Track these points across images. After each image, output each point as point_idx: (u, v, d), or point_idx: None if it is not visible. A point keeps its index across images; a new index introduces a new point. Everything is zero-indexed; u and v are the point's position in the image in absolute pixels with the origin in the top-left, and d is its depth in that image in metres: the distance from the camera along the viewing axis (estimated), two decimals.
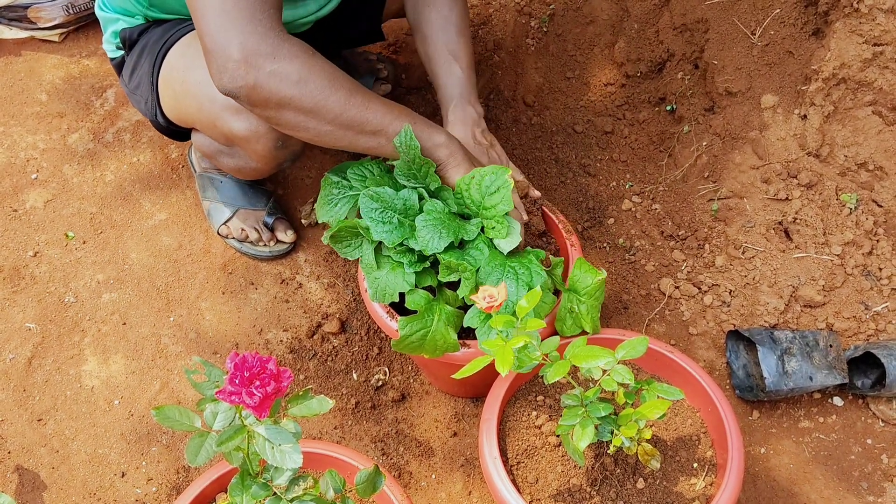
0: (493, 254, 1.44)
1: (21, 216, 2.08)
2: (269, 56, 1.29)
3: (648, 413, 1.17)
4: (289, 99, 1.33)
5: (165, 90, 1.68)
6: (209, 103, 1.56)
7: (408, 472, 1.72)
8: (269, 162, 1.64)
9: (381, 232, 1.43)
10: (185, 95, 1.63)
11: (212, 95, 1.52)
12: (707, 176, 1.95)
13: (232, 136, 1.59)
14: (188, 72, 1.60)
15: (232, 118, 1.55)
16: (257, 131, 1.56)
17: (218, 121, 1.57)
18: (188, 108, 1.64)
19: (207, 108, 1.58)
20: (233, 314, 1.92)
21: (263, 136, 1.57)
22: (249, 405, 0.92)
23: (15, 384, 1.83)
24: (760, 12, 1.95)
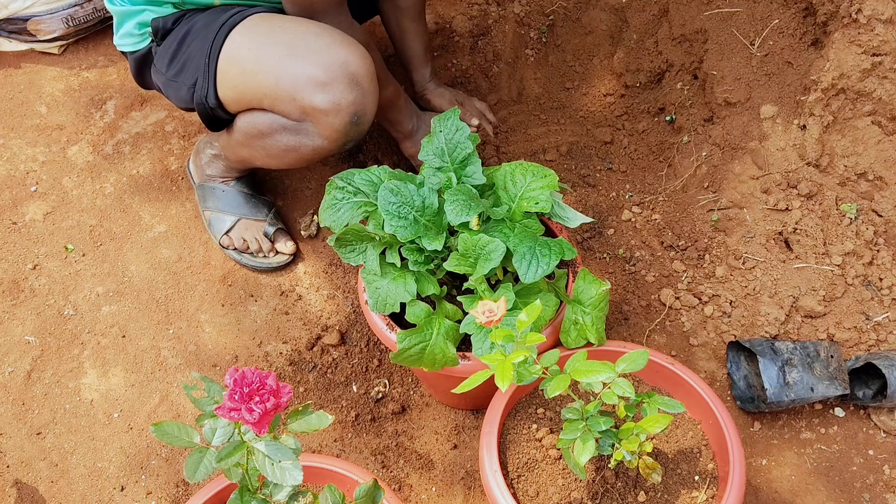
0: (523, 229, 1.45)
1: (20, 229, 2.08)
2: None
3: (650, 427, 1.17)
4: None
5: (231, 68, 1.69)
6: (290, 78, 1.61)
7: (408, 485, 1.71)
8: (339, 139, 1.68)
9: (396, 226, 1.44)
10: (258, 70, 1.65)
11: (294, 70, 1.60)
12: (707, 186, 1.95)
13: (312, 108, 1.62)
14: (262, 49, 1.64)
15: (315, 91, 1.60)
16: (339, 104, 1.60)
17: (298, 94, 1.61)
18: (261, 83, 1.66)
19: (287, 82, 1.62)
20: (232, 326, 1.92)
21: (344, 111, 1.61)
22: (249, 421, 0.91)
23: (14, 397, 1.83)
24: (759, 23, 1.95)
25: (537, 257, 1.39)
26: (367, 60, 1.64)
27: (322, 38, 1.62)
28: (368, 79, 1.63)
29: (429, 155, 1.55)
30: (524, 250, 1.39)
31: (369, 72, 1.63)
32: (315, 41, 1.61)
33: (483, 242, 1.39)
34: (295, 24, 1.66)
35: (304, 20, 1.68)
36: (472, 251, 1.41)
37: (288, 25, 1.66)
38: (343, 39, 1.63)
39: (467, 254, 1.41)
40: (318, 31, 1.63)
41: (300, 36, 1.63)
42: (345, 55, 1.60)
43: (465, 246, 1.41)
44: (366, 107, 1.64)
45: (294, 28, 1.65)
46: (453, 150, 1.53)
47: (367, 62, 1.63)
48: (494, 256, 1.38)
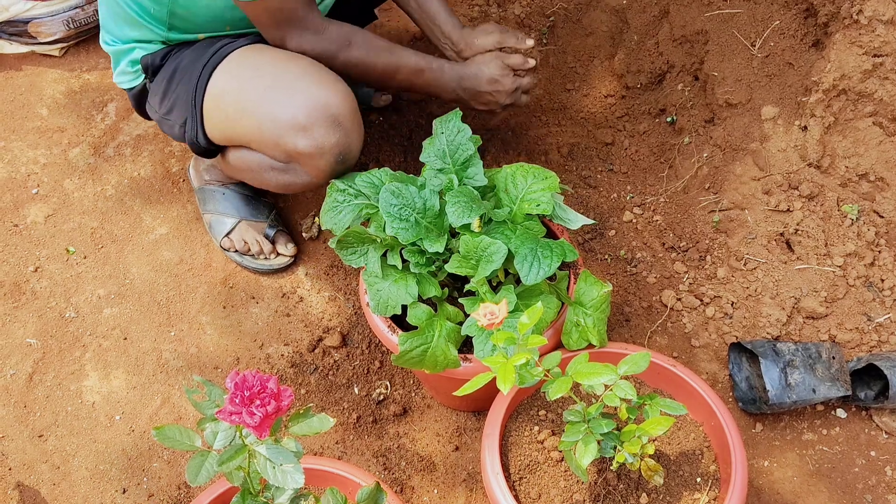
0: (524, 230, 1.45)
1: (22, 231, 2.08)
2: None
3: (652, 429, 1.17)
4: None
5: (214, 112, 1.70)
6: (272, 123, 1.60)
7: (410, 487, 1.71)
8: (327, 176, 1.66)
9: (397, 228, 1.44)
10: (241, 116, 1.65)
11: (275, 115, 1.59)
12: (708, 187, 1.95)
13: (296, 153, 1.61)
14: (243, 94, 1.63)
15: (297, 136, 1.58)
16: (322, 147, 1.59)
17: (281, 139, 1.60)
18: (245, 127, 1.66)
19: (269, 128, 1.61)
20: (234, 328, 1.92)
21: (328, 152, 1.60)
22: (250, 425, 0.91)
23: (16, 400, 1.83)
24: (760, 24, 1.95)
25: (539, 259, 1.39)
26: (348, 99, 1.61)
27: (302, 80, 1.59)
28: (350, 118, 1.61)
29: (430, 157, 1.55)
30: (525, 252, 1.39)
31: (350, 110, 1.61)
32: (295, 83, 1.59)
33: (485, 244, 1.39)
34: (275, 64, 1.64)
35: (284, 55, 1.66)
36: (474, 253, 1.41)
37: (267, 65, 1.64)
38: (323, 79, 1.61)
39: (469, 256, 1.41)
40: (297, 70, 1.61)
41: (280, 78, 1.61)
42: (325, 97, 1.57)
43: (467, 248, 1.41)
44: (350, 146, 1.62)
45: (274, 69, 1.63)
46: (455, 151, 1.53)
47: (347, 101, 1.61)
48: (496, 258, 1.38)
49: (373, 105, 2.31)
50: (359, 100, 2.28)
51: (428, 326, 1.44)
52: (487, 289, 1.42)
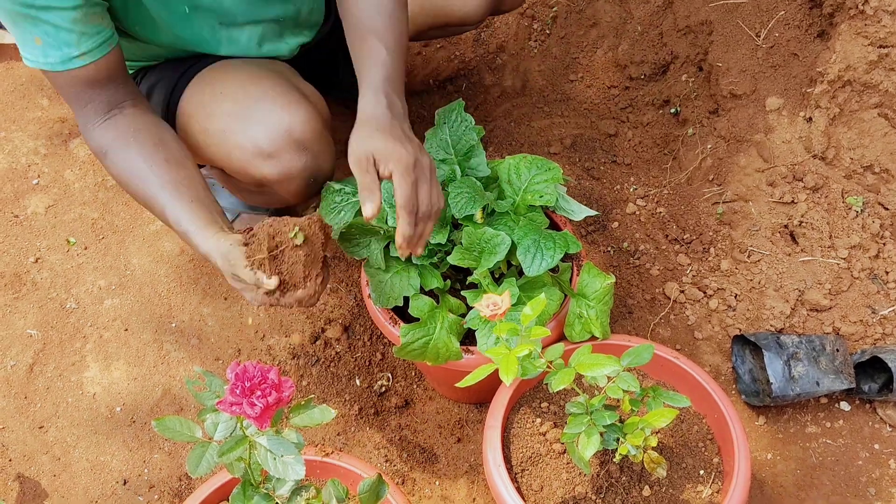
0: (527, 222, 1.44)
1: (22, 222, 2.08)
2: (94, 151, 1.46)
3: (655, 421, 1.16)
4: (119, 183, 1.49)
5: (186, 139, 1.64)
6: (238, 151, 1.54)
7: (411, 479, 1.71)
8: (301, 196, 1.63)
9: None
10: (209, 145, 1.60)
11: (239, 143, 1.52)
12: (712, 179, 1.93)
13: (265, 180, 1.57)
14: (209, 122, 1.58)
15: (263, 164, 1.53)
16: (290, 173, 1.54)
17: (249, 167, 1.55)
18: (215, 155, 1.62)
19: (237, 156, 1.55)
20: (235, 320, 1.91)
21: (297, 177, 1.56)
22: (250, 416, 0.90)
23: (16, 391, 1.82)
24: (765, 14, 1.93)
25: (542, 250, 1.38)
26: (313, 119, 1.53)
27: (263, 104, 1.52)
28: (316, 139, 1.54)
29: (433, 147, 1.54)
30: (529, 243, 1.38)
31: (315, 132, 1.54)
32: (256, 108, 1.52)
33: (488, 236, 1.38)
34: (235, 87, 1.56)
35: (246, 74, 1.58)
36: (477, 245, 1.40)
37: (229, 88, 1.57)
38: (287, 100, 1.53)
39: (472, 247, 1.40)
40: (258, 93, 1.54)
41: (241, 102, 1.54)
42: (287, 121, 1.50)
43: (470, 240, 1.40)
44: (319, 167, 1.57)
45: (235, 92, 1.56)
46: (458, 141, 1.53)
47: (311, 121, 1.53)
48: (499, 250, 1.38)
49: None
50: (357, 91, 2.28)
51: (430, 318, 1.43)
52: (490, 280, 1.41)
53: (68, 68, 1.36)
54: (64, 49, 1.34)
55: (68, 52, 1.34)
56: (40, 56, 1.35)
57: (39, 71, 1.40)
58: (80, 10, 1.32)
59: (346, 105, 2.26)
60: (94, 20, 1.36)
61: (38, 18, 1.30)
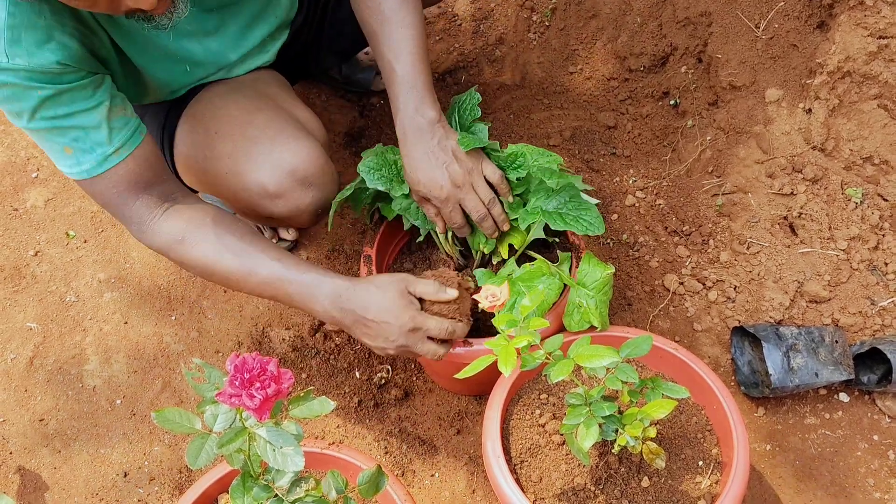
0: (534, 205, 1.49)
1: (22, 215, 2.08)
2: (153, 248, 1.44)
3: (654, 412, 1.16)
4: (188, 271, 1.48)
5: (188, 177, 1.65)
6: (244, 193, 1.54)
7: (411, 471, 1.71)
8: (309, 223, 1.64)
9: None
10: (212, 184, 1.60)
11: (244, 186, 1.52)
12: (711, 171, 1.93)
13: (273, 216, 1.57)
14: (208, 164, 1.56)
15: (270, 204, 1.53)
16: (298, 208, 1.55)
17: (257, 207, 1.56)
18: (220, 193, 1.62)
19: (244, 197, 1.55)
20: (235, 312, 1.91)
21: (304, 212, 1.57)
22: (250, 407, 0.91)
23: (16, 384, 1.83)
24: (764, 5, 1.93)
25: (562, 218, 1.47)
26: (315, 153, 1.52)
27: (261, 144, 1.51)
28: (320, 174, 1.54)
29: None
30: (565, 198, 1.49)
31: (318, 167, 1.53)
32: (256, 151, 1.51)
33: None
34: (231, 127, 1.54)
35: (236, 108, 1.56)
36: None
37: (224, 128, 1.54)
38: (284, 138, 1.52)
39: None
40: (254, 133, 1.52)
41: (239, 145, 1.52)
42: (290, 160, 1.50)
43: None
44: (326, 198, 1.58)
45: (231, 133, 1.53)
46: (464, 118, 1.60)
47: (313, 157, 1.52)
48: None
49: (373, 88, 2.30)
50: (358, 84, 2.29)
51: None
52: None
53: (106, 169, 1.33)
54: (97, 150, 1.31)
55: (103, 151, 1.32)
56: (74, 165, 1.32)
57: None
58: (106, 104, 1.31)
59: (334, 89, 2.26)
60: (118, 112, 1.34)
61: (64, 127, 1.28)
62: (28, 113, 1.26)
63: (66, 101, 1.27)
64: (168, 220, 1.40)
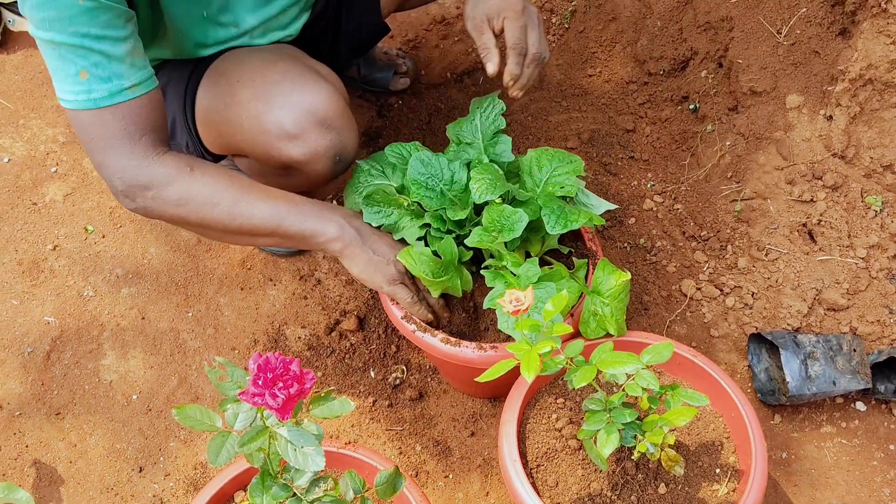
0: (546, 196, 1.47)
1: (41, 209, 2.09)
2: (146, 187, 1.37)
3: (675, 420, 1.16)
4: (176, 218, 1.42)
5: (208, 132, 1.66)
6: (262, 136, 1.54)
7: (425, 472, 1.71)
8: (327, 177, 1.63)
9: (422, 195, 1.48)
10: (232, 134, 1.60)
11: (263, 128, 1.53)
12: (730, 176, 1.93)
13: (291, 162, 1.57)
14: (229, 111, 1.57)
15: (289, 146, 1.53)
16: (316, 152, 1.54)
17: (274, 151, 1.55)
18: (239, 143, 1.62)
19: (262, 141, 1.55)
20: (251, 310, 1.92)
21: (323, 156, 1.56)
22: (273, 407, 0.91)
23: (33, 378, 1.84)
24: (787, 11, 1.92)
25: (565, 214, 1.42)
26: (334, 97, 1.54)
27: (282, 86, 1.52)
28: (340, 117, 1.55)
29: (463, 131, 1.59)
30: (554, 207, 1.42)
31: (338, 109, 1.54)
32: (276, 92, 1.52)
33: (507, 213, 1.40)
34: (253, 72, 1.55)
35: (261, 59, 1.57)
36: (497, 223, 1.41)
37: (246, 74, 1.56)
38: (304, 80, 1.53)
39: (491, 226, 1.42)
40: (276, 76, 1.53)
41: (260, 89, 1.53)
42: (309, 101, 1.51)
43: (490, 217, 1.42)
44: (344, 145, 1.58)
45: (252, 77, 1.55)
46: (487, 127, 1.56)
47: (333, 100, 1.53)
48: (517, 226, 1.40)
49: (391, 89, 2.30)
50: (376, 83, 2.29)
51: (451, 263, 1.48)
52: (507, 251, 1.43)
53: (117, 102, 1.31)
54: (114, 81, 1.30)
55: (119, 84, 1.30)
56: (82, 93, 1.29)
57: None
58: (131, 40, 1.31)
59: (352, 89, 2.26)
60: (139, 54, 1.34)
61: (90, 49, 1.26)
62: (61, 22, 1.23)
63: (102, 22, 1.25)
64: (174, 155, 1.40)
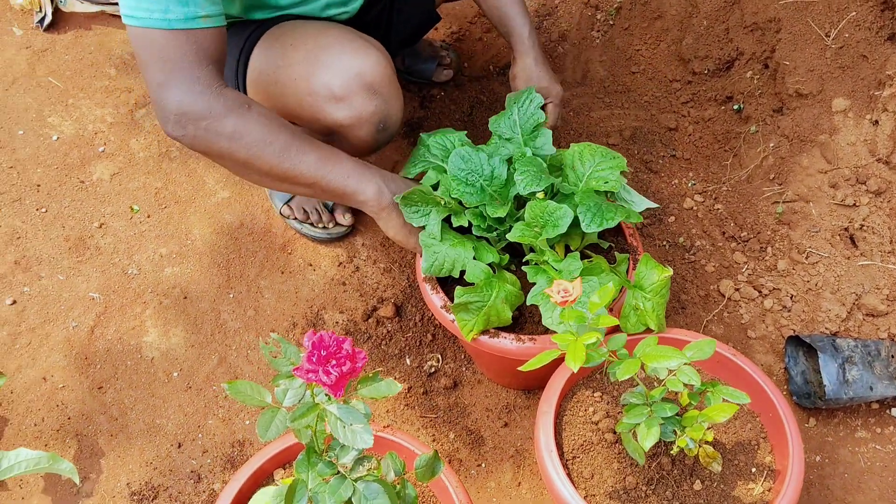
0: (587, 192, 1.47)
1: (88, 188, 2.13)
2: (203, 116, 1.37)
3: (716, 416, 1.17)
4: (224, 152, 1.41)
5: (257, 93, 1.71)
6: (310, 97, 1.59)
7: (457, 460, 1.73)
8: (370, 145, 1.67)
9: (462, 192, 1.49)
10: (281, 95, 1.65)
11: (311, 89, 1.57)
12: (773, 178, 1.92)
13: (336, 125, 1.61)
14: (280, 72, 1.62)
15: (335, 108, 1.57)
16: (361, 116, 1.58)
17: (320, 113, 1.60)
18: (287, 104, 1.66)
19: (309, 103, 1.60)
20: (290, 294, 1.95)
21: (367, 121, 1.60)
22: (326, 383, 0.93)
23: (77, 351, 1.88)
24: (835, 14, 1.91)
25: (602, 212, 1.42)
26: (383, 64, 1.58)
27: (334, 49, 1.57)
28: (387, 84, 1.59)
29: (500, 127, 1.58)
30: (590, 204, 1.43)
31: (386, 76, 1.58)
32: (327, 54, 1.57)
33: (551, 209, 1.41)
34: (306, 37, 1.61)
35: (315, 28, 1.63)
36: (540, 218, 1.42)
37: (299, 40, 1.61)
38: (357, 46, 1.57)
39: (533, 222, 1.42)
40: (328, 41, 1.58)
41: (312, 51, 1.58)
42: (359, 65, 1.55)
43: (533, 213, 1.42)
44: (389, 112, 1.62)
45: (305, 42, 1.60)
46: (526, 121, 1.56)
47: (382, 66, 1.58)
48: (562, 223, 1.40)
49: (433, 80, 2.31)
50: (419, 74, 2.30)
51: (486, 285, 1.46)
52: (550, 251, 1.44)
53: (190, 27, 1.33)
54: (191, 7, 1.32)
55: (195, 11, 1.33)
56: (158, 11, 1.31)
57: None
58: None
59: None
60: None
61: None
62: None
63: None
64: (234, 91, 1.43)
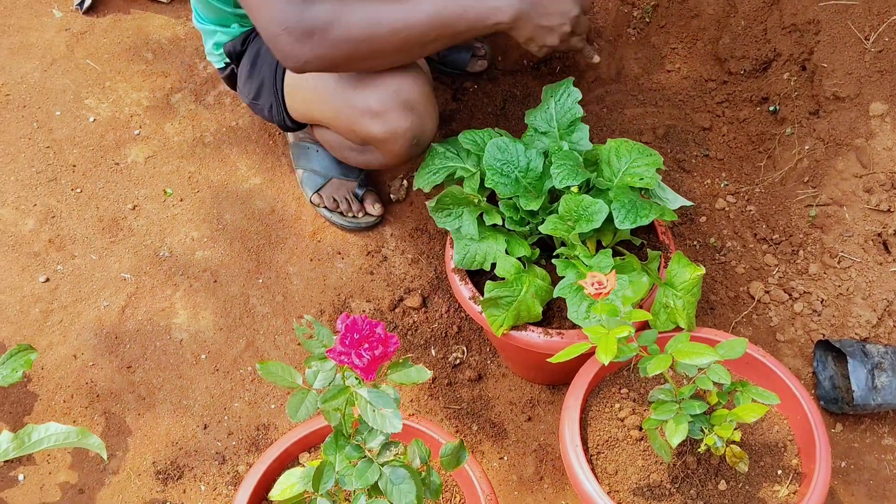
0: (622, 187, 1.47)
1: (122, 170, 2.15)
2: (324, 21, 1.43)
3: (745, 415, 1.16)
4: (365, 35, 1.46)
5: (294, 97, 1.76)
6: (346, 108, 1.63)
7: (480, 451, 1.73)
8: (402, 158, 1.70)
9: (497, 182, 1.50)
10: (318, 101, 1.70)
11: (349, 102, 1.62)
12: (807, 181, 1.90)
13: (371, 137, 1.65)
14: (319, 79, 1.65)
15: (371, 122, 1.61)
16: (395, 132, 1.61)
17: (355, 125, 1.64)
18: (323, 112, 1.71)
19: (345, 113, 1.65)
20: (319, 281, 1.96)
21: (401, 137, 1.62)
22: (358, 366, 0.94)
23: (107, 331, 1.90)
24: (876, 17, 1.88)
25: (637, 208, 1.42)
26: (420, 82, 1.62)
27: None
28: (423, 102, 1.62)
29: (536, 120, 1.59)
30: (624, 200, 1.43)
31: (423, 94, 1.62)
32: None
33: (586, 203, 1.41)
34: None
35: None
36: (574, 212, 1.42)
37: None
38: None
39: (567, 216, 1.42)
40: None
41: None
42: (397, 82, 1.59)
43: (567, 207, 1.42)
44: (423, 129, 1.64)
45: None
46: (563, 115, 1.57)
47: (419, 85, 1.61)
48: (596, 218, 1.40)
49: (468, 70, 2.31)
50: (454, 64, 2.30)
51: (516, 280, 1.46)
52: (582, 246, 1.43)
53: None
54: None
55: None
56: None
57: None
58: None
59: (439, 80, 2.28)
60: None
61: None
62: None
63: None
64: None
